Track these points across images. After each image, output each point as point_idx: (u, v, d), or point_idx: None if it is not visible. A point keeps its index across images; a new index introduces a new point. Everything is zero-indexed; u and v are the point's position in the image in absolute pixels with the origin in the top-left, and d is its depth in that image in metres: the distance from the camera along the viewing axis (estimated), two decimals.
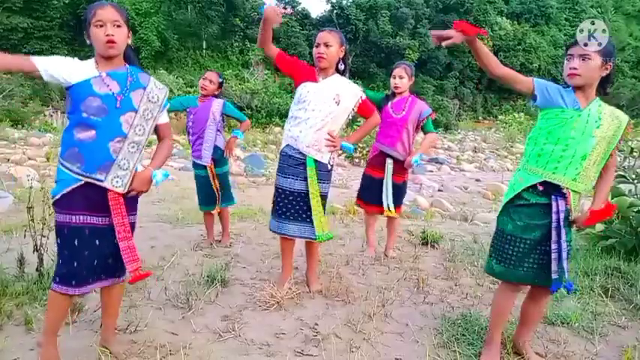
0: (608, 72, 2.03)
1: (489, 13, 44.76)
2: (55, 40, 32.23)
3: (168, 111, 4.06)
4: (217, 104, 3.97)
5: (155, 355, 2.20)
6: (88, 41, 1.98)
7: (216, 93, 4.00)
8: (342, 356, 2.31)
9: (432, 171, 12.73)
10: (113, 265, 2.07)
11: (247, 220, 5.33)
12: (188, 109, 3.99)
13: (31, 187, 3.25)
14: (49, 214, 3.00)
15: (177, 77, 30.15)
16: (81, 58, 2.01)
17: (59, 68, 1.90)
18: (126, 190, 2.00)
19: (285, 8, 2.65)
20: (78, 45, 33.28)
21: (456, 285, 3.37)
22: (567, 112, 2.02)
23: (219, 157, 4.00)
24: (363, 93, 3.07)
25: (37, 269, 2.95)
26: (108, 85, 1.94)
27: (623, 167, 4.10)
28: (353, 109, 2.99)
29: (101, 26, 1.91)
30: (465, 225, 5.88)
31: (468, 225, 5.90)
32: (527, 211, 2.07)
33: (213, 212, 4.16)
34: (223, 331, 2.49)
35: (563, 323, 2.72)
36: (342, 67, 2.97)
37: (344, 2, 42.21)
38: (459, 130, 33.18)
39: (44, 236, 2.97)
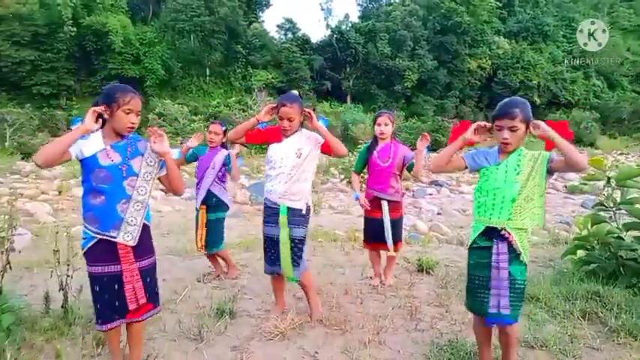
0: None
1: (487, 32, 45.51)
2: (62, 72, 32.81)
3: (187, 161, 4.39)
4: (221, 155, 4.29)
5: None
6: (105, 115, 2.33)
7: (223, 141, 4.35)
8: None
9: (431, 194, 12.93)
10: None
11: (254, 250, 5.54)
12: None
13: (57, 232, 3.47)
14: (73, 256, 3.31)
15: (181, 105, 30.80)
16: (85, 90, 2.43)
17: (80, 149, 2.31)
18: (136, 243, 2.37)
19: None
20: (83, 75, 34.06)
21: (446, 312, 3.62)
22: (490, 169, 2.47)
23: (215, 204, 4.27)
24: (321, 138, 3.29)
25: (62, 306, 3.24)
26: (111, 158, 2.34)
27: (603, 194, 4.36)
28: (317, 153, 3.33)
29: (128, 113, 2.31)
30: (460, 249, 6.12)
31: (463, 249, 6.14)
32: (478, 252, 2.47)
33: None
34: None
35: (542, 347, 2.96)
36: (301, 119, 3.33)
37: (343, 27, 43.16)
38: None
39: (69, 276, 3.26)
